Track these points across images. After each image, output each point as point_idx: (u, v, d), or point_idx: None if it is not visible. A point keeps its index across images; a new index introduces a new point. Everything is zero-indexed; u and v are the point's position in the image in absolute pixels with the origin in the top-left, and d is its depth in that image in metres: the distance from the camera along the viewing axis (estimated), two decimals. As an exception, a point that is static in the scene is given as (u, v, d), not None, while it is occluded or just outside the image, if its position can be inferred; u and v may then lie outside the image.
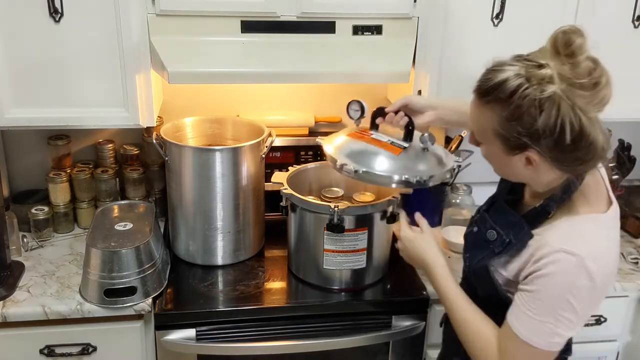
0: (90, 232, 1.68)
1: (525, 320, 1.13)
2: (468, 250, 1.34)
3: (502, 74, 1.05)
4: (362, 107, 1.56)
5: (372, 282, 1.77)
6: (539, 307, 1.11)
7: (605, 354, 1.96)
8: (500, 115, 1.07)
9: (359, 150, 1.47)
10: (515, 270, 1.19)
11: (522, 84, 1.03)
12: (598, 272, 1.07)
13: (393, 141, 1.47)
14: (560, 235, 1.12)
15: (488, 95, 1.08)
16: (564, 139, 1.03)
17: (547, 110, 1.01)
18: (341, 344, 1.69)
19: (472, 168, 1.81)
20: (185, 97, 2.08)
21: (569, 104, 1.01)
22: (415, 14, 1.73)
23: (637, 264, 1.91)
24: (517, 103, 1.03)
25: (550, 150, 1.06)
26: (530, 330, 1.12)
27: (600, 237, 1.13)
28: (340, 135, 1.56)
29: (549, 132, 1.03)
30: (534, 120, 1.03)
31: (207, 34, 1.66)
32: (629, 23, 1.85)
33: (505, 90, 1.04)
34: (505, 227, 1.21)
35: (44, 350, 1.62)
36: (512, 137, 1.07)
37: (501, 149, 1.11)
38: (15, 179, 2.07)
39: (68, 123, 1.70)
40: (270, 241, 1.97)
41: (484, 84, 1.08)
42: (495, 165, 1.19)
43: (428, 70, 1.80)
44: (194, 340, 1.63)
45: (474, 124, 1.16)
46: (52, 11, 1.58)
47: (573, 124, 1.02)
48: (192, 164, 1.74)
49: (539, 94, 1.01)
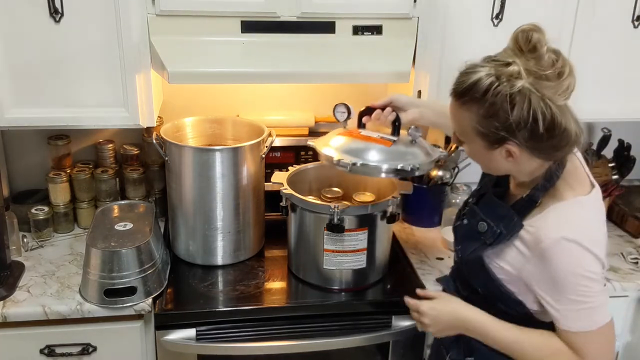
0: (90, 232, 1.68)
1: (572, 318, 1.18)
2: (459, 242, 1.37)
3: (474, 75, 1.12)
4: (348, 109, 1.62)
5: (372, 282, 1.77)
6: (567, 300, 1.16)
7: (605, 354, 1.96)
8: (477, 114, 1.13)
9: (352, 146, 1.52)
10: (511, 260, 1.24)
11: (493, 82, 1.10)
12: (596, 248, 1.15)
13: (382, 136, 1.53)
14: (553, 224, 1.17)
15: (464, 96, 1.14)
16: (537, 128, 1.10)
17: (519, 103, 1.09)
18: (341, 344, 1.69)
19: (472, 168, 1.81)
20: (185, 97, 2.08)
21: (538, 95, 1.08)
22: (415, 14, 1.73)
23: (637, 264, 1.91)
24: (491, 100, 1.10)
25: (526, 140, 1.12)
26: (578, 319, 1.17)
27: (589, 219, 1.20)
28: (331, 136, 1.59)
29: (523, 124, 1.10)
30: (508, 114, 1.10)
31: (207, 34, 1.66)
32: (629, 23, 1.85)
33: (479, 90, 1.11)
34: (495, 218, 1.26)
35: (44, 350, 1.62)
36: (490, 132, 1.14)
37: (482, 145, 1.18)
38: (15, 179, 2.07)
39: (68, 123, 1.70)
40: (270, 241, 1.97)
41: (459, 86, 1.15)
42: (479, 161, 1.26)
43: (428, 70, 1.80)
44: (194, 340, 1.63)
45: (455, 124, 1.22)
46: (52, 11, 1.58)
47: (545, 114, 1.09)
48: (192, 164, 1.75)
49: (509, 89, 1.09)
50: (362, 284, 1.75)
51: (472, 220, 1.32)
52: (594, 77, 1.86)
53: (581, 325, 1.17)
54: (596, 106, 1.87)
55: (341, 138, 1.56)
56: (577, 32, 1.78)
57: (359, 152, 1.49)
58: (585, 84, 1.28)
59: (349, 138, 1.55)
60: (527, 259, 1.20)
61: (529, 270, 1.21)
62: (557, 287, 1.16)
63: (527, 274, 1.21)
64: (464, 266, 1.35)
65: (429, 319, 1.36)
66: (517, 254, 1.22)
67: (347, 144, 1.53)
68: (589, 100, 1.20)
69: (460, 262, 1.37)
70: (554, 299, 1.18)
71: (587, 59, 1.82)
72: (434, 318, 1.36)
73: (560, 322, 1.20)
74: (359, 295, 1.73)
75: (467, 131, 1.18)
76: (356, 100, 2.16)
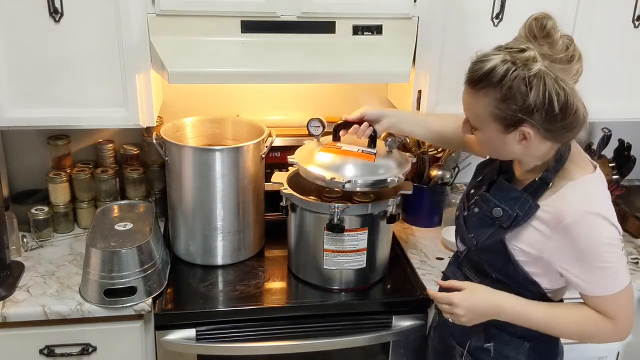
0: (90, 232, 1.68)
1: (600, 284, 1.25)
2: (472, 230, 1.39)
3: (489, 62, 1.18)
4: (322, 123, 1.71)
5: (372, 282, 1.77)
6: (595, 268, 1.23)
7: (605, 354, 1.96)
8: (495, 98, 1.18)
9: (338, 163, 1.61)
10: (530, 241, 1.29)
11: (510, 67, 1.15)
12: (613, 217, 1.24)
13: (363, 150, 1.63)
14: (573, 201, 1.23)
15: (481, 83, 1.19)
16: (553, 109, 1.15)
17: (536, 85, 1.14)
18: (341, 344, 1.69)
19: (472, 168, 1.81)
20: (185, 97, 2.08)
21: (552, 77, 1.15)
22: (415, 14, 1.73)
23: (637, 264, 1.91)
24: (509, 84, 1.15)
25: (542, 122, 1.18)
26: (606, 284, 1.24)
27: (602, 192, 1.28)
28: (313, 152, 1.66)
29: (540, 105, 1.15)
30: (525, 96, 1.15)
31: (207, 34, 1.66)
32: (629, 23, 1.85)
33: (496, 76, 1.16)
34: (509, 202, 1.31)
35: (43, 351, 1.62)
36: (508, 115, 1.19)
37: (498, 129, 1.23)
38: (15, 179, 2.07)
39: (68, 123, 1.70)
40: (270, 241, 1.97)
41: (475, 73, 1.20)
42: (491, 146, 1.30)
43: (428, 70, 1.80)
44: (194, 340, 1.63)
45: (469, 112, 1.27)
46: (52, 11, 1.58)
47: (559, 94, 1.15)
48: (192, 164, 1.74)
49: (526, 72, 1.14)
50: (362, 284, 1.75)
51: (485, 206, 1.36)
52: (594, 77, 1.86)
53: (608, 289, 1.24)
54: (596, 106, 1.85)
55: (326, 155, 1.64)
56: (578, 32, 1.78)
57: (346, 168, 1.59)
58: (585, 84, 1.29)
59: (334, 155, 1.63)
60: (549, 237, 1.25)
61: (551, 248, 1.26)
62: (585, 258, 1.22)
63: (549, 252, 1.26)
64: (480, 253, 1.38)
65: (464, 310, 1.34)
66: (536, 234, 1.27)
67: (333, 161, 1.62)
68: (589, 100, 1.22)
69: (475, 249, 1.39)
70: (581, 271, 1.24)
71: (587, 59, 1.80)
72: (468, 308, 1.34)
73: (588, 290, 1.26)
74: (359, 295, 1.73)
75: (483, 117, 1.23)
76: (356, 100, 2.17)
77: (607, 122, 2.07)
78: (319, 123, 1.70)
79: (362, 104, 1.64)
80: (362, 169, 1.60)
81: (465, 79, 1.24)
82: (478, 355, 1.43)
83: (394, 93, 2.12)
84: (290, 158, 1.70)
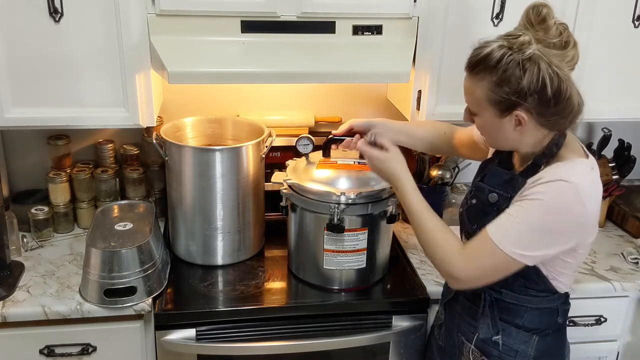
0: (90, 232, 1.68)
1: (502, 225, 1.26)
2: (474, 222, 1.41)
3: (487, 48, 1.23)
4: (311, 141, 1.77)
5: (372, 282, 1.77)
6: (523, 220, 1.24)
7: (605, 354, 1.96)
8: (491, 82, 1.23)
9: (341, 176, 1.64)
10: None
11: (506, 52, 1.20)
12: (589, 201, 1.23)
13: (358, 162, 1.66)
14: (555, 170, 1.26)
15: (478, 66, 1.24)
16: (546, 93, 1.19)
17: (530, 69, 1.18)
18: (341, 344, 1.69)
19: (472, 168, 1.81)
20: (185, 97, 2.08)
21: (546, 61, 1.18)
22: (415, 14, 1.73)
23: (637, 264, 1.91)
24: (504, 68, 1.20)
25: (536, 106, 1.22)
26: (503, 233, 1.25)
27: (587, 173, 1.28)
28: (309, 169, 1.68)
29: (533, 89, 1.19)
30: (519, 80, 1.19)
31: (207, 34, 1.66)
32: (629, 23, 1.85)
33: (492, 59, 1.21)
34: (502, 185, 1.35)
35: (43, 351, 1.62)
36: (502, 99, 1.22)
37: (494, 113, 1.26)
38: (15, 179, 2.07)
39: (68, 123, 1.70)
40: (270, 241, 1.97)
41: (473, 58, 1.25)
42: (489, 133, 1.34)
43: (428, 70, 1.80)
44: (194, 340, 1.63)
45: (468, 97, 1.31)
46: (52, 11, 1.58)
47: (552, 79, 1.18)
48: (192, 164, 1.75)
49: (521, 56, 1.18)
50: (363, 284, 1.75)
51: (480, 195, 1.40)
52: (595, 77, 1.86)
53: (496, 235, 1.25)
54: (596, 106, 1.85)
55: (324, 171, 1.66)
56: (578, 32, 1.77)
57: (350, 182, 1.63)
58: (585, 84, 1.29)
59: (333, 170, 1.66)
60: None
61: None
62: (524, 206, 1.24)
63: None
64: None
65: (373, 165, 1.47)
66: None
67: (335, 176, 1.64)
68: (589, 100, 1.22)
69: None
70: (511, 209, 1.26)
71: (587, 58, 1.82)
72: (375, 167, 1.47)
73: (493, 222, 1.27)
74: (359, 295, 1.73)
75: (480, 101, 1.26)
76: (355, 100, 2.17)
77: (607, 122, 2.07)
78: (308, 141, 1.74)
79: (362, 104, 1.64)
80: (364, 181, 1.63)
81: (465, 65, 1.28)
82: (486, 349, 1.43)
83: (394, 93, 2.12)
84: (286, 181, 1.69)
